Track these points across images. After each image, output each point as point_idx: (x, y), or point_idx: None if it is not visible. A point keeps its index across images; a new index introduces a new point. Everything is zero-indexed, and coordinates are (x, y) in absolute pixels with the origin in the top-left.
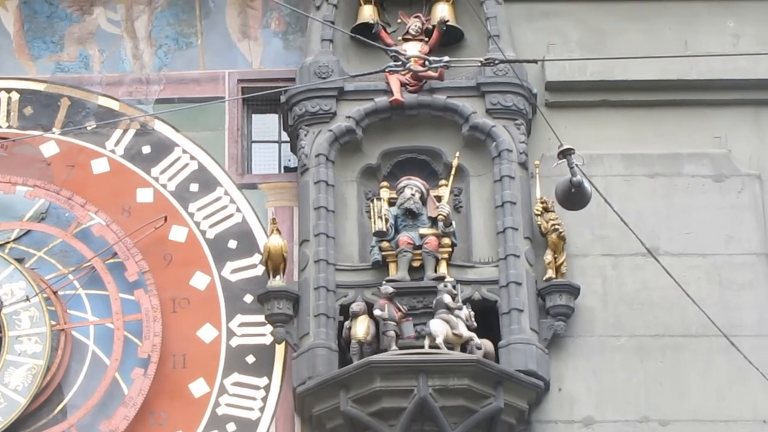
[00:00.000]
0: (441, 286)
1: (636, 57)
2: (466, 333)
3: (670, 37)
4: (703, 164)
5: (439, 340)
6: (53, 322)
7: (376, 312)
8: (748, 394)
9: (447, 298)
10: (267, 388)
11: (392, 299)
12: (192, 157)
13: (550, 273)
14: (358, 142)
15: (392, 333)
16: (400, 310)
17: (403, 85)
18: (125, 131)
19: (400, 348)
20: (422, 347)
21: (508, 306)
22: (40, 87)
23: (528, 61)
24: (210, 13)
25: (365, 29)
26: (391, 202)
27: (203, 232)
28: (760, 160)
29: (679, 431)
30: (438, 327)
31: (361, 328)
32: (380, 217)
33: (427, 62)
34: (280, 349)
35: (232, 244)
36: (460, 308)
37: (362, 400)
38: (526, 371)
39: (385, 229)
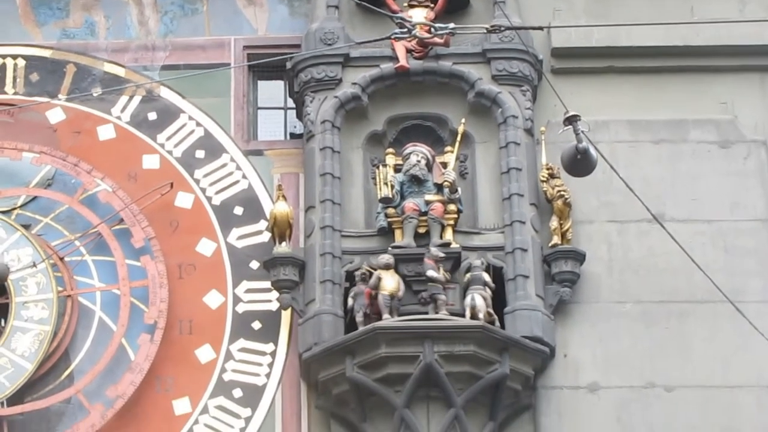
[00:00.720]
0: (477, 262)
1: (641, 24)
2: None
3: (676, 3)
4: (709, 130)
5: (481, 315)
6: (60, 288)
7: (430, 273)
8: (752, 359)
9: (486, 276)
10: (273, 354)
11: (439, 263)
12: (198, 124)
13: (556, 239)
14: (364, 109)
15: (443, 297)
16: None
17: (408, 51)
18: (131, 98)
19: (403, 314)
20: (426, 313)
21: (513, 272)
22: (46, 53)
23: (534, 28)
24: None
25: None
26: (397, 169)
27: (209, 199)
28: (766, 127)
29: (684, 397)
30: (480, 302)
31: (391, 281)
32: (386, 184)
33: (432, 29)
34: (286, 315)
35: (238, 210)
36: (492, 287)
37: (368, 366)
38: (531, 337)
39: (390, 196)
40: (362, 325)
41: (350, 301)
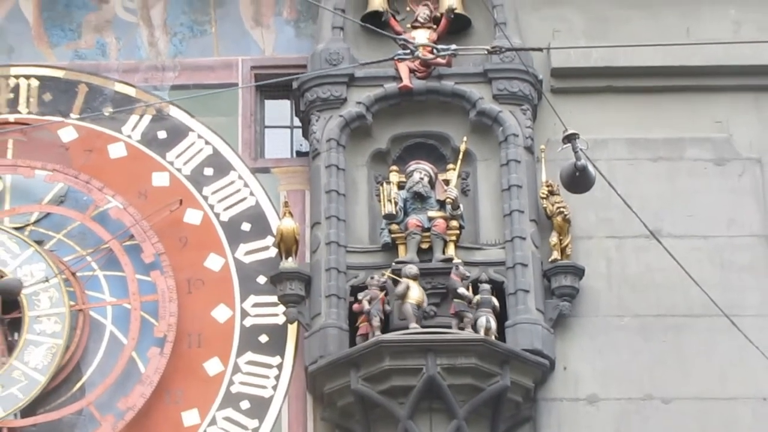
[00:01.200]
0: (486, 286)
1: (639, 45)
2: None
3: (673, 24)
4: (705, 148)
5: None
6: (72, 303)
7: (461, 290)
8: (749, 372)
9: (494, 300)
10: (280, 366)
11: (465, 281)
12: (206, 142)
13: (556, 254)
14: (368, 128)
15: (470, 315)
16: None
17: (412, 71)
18: (141, 117)
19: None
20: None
21: (514, 287)
22: (59, 74)
23: (534, 49)
24: (223, 1)
25: (375, 17)
26: (401, 186)
27: (217, 215)
28: (760, 144)
29: (682, 409)
30: (493, 325)
31: (417, 291)
32: (390, 201)
33: (435, 50)
34: (292, 328)
35: (246, 226)
36: (498, 311)
37: (372, 378)
38: (531, 350)
39: (394, 212)
40: (378, 330)
41: (365, 305)
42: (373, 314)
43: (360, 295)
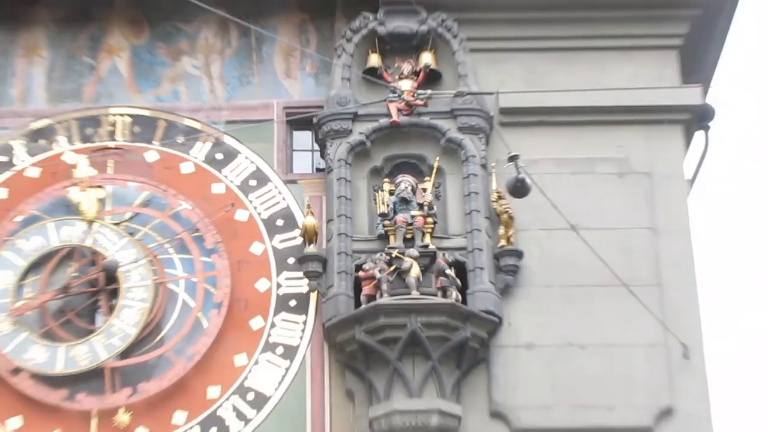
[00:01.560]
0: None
1: (563, 90)
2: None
3: (587, 75)
4: (610, 165)
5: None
6: (155, 277)
7: (448, 272)
8: (641, 326)
9: (458, 281)
10: (304, 323)
11: (450, 264)
12: (251, 162)
13: (503, 242)
14: (368, 151)
15: (455, 293)
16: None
17: (399, 110)
18: (204, 143)
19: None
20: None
21: (473, 265)
22: (145, 112)
23: (487, 93)
24: (263, 60)
25: (372, 71)
26: (391, 193)
27: (259, 214)
28: (649, 163)
29: (593, 352)
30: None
31: (416, 268)
32: (383, 203)
33: (415, 94)
34: (313, 296)
35: (279, 222)
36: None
37: (371, 331)
38: (486, 311)
39: (386, 212)
40: (387, 292)
41: (377, 273)
42: (383, 281)
43: (367, 266)
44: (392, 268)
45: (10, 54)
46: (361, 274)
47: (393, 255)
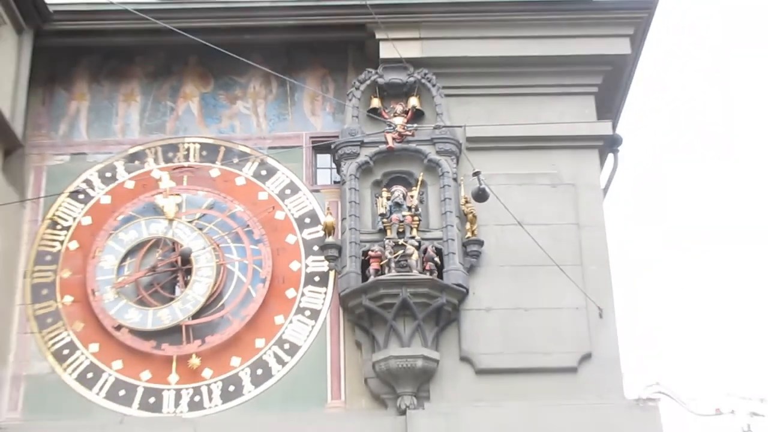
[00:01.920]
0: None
1: (512, 124)
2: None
3: (530, 113)
4: (546, 179)
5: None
6: (217, 260)
7: (435, 258)
8: (569, 293)
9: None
10: (325, 293)
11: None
12: (287, 177)
13: (469, 234)
14: (371, 168)
15: (436, 272)
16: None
17: (393, 139)
18: (252, 163)
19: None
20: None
21: (447, 251)
22: (210, 141)
23: (457, 126)
24: (295, 103)
25: (374, 110)
26: (387, 198)
27: (293, 215)
28: (574, 176)
29: (535, 315)
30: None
31: (416, 254)
32: (382, 206)
33: (405, 127)
34: (332, 274)
35: (307, 220)
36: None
37: (373, 299)
38: (457, 284)
39: (384, 212)
40: (393, 269)
41: (387, 255)
42: (391, 261)
43: (377, 248)
44: (399, 252)
45: (114, 99)
46: (371, 253)
47: (400, 243)
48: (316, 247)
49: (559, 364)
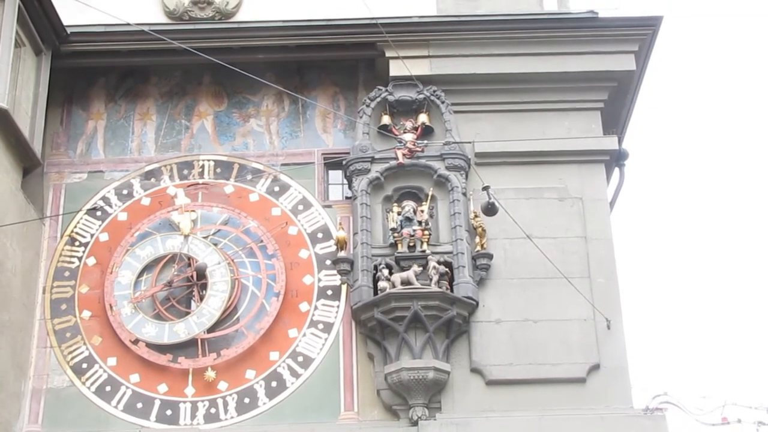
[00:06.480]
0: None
1: (520, 139)
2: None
3: (537, 129)
4: (554, 193)
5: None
6: (232, 275)
7: (442, 270)
8: (576, 306)
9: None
10: (338, 307)
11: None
12: (299, 192)
13: (478, 248)
14: (382, 184)
15: (446, 284)
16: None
17: (403, 155)
18: (266, 179)
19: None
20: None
21: (457, 264)
22: (224, 158)
23: (466, 142)
24: (307, 120)
25: (385, 127)
26: (398, 213)
27: (305, 229)
28: (581, 190)
29: (543, 326)
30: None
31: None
32: (393, 221)
33: (415, 143)
34: (344, 287)
35: (320, 235)
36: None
37: (385, 312)
38: (467, 296)
39: (395, 227)
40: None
41: (432, 274)
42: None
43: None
44: (420, 268)
45: (130, 118)
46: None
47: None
48: (328, 262)
49: (567, 375)
